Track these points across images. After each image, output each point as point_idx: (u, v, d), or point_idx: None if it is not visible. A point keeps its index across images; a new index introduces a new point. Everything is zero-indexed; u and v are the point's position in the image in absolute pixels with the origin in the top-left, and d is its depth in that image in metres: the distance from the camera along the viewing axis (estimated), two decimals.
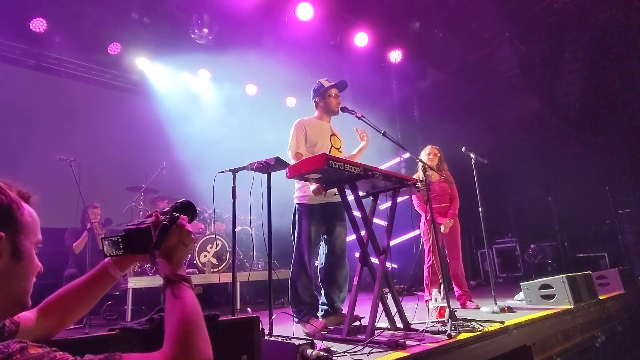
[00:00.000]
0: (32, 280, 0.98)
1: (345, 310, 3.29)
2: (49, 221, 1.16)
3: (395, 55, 8.35)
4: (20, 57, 7.03)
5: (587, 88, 7.34)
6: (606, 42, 7.26)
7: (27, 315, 1.14)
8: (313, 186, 3.24)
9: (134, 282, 5.13)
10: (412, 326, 3.05)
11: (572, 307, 3.78)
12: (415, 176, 4.18)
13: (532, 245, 8.04)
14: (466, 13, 7.93)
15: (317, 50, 7.86)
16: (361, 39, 7.74)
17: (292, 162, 3.45)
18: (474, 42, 8.74)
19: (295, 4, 6.79)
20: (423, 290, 4.80)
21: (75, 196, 4.85)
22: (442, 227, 4.61)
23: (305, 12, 6.83)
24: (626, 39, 7.03)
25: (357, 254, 3.27)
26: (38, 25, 6.16)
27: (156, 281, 5.31)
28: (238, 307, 5.11)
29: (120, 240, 1.20)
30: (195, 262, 5.81)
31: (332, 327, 3.23)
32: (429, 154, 4.81)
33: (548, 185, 7.97)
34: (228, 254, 6.07)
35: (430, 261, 4.54)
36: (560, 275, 4.04)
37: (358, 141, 3.80)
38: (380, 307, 2.99)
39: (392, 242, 3.22)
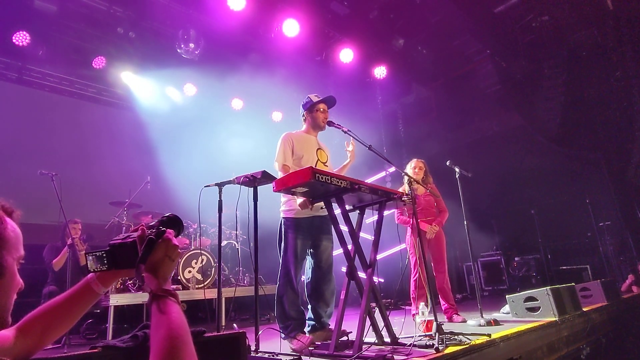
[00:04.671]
0: (13, 297, 0.95)
1: (332, 325, 3.26)
2: (27, 237, 1.13)
3: (380, 71, 8.48)
4: (2, 71, 6.93)
5: (567, 103, 7.55)
6: (583, 59, 7.51)
7: (5, 334, 1.10)
8: (299, 200, 3.23)
9: (116, 300, 5.00)
10: (399, 340, 3.03)
11: (556, 319, 3.82)
12: (400, 189, 4.21)
13: (516, 258, 8.13)
14: (449, 31, 8.14)
15: (302, 66, 7.94)
16: (346, 55, 7.85)
17: (278, 174, 3.45)
18: (457, 59, 8.96)
19: (281, 20, 6.86)
20: (410, 304, 4.79)
21: (54, 211, 4.75)
22: (427, 234, 4.63)
23: (291, 29, 6.90)
24: (602, 56, 7.29)
25: (343, 268, 3.26)
26: (21, 38, 6.08)
27: (139, 298, 5.19)
28: (223, 323, 5.03)
29: (104, 255, 1.17)
30: (179, 278, 5.71)
31: (320, 343, 3.19)
32: (415, 168, 4.84)
33: (531, 198, 8.11)
34: (213, 269, 5.98)
35: (417, 275, 4.55)
36: (545, 288, 4.08)
37: (345, 155, 3.83)
38: (368, 322, 2.97)
39: (379, 256, 3.22)
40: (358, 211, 3.40)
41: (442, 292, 4.58)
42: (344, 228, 3.15)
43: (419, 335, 3.11)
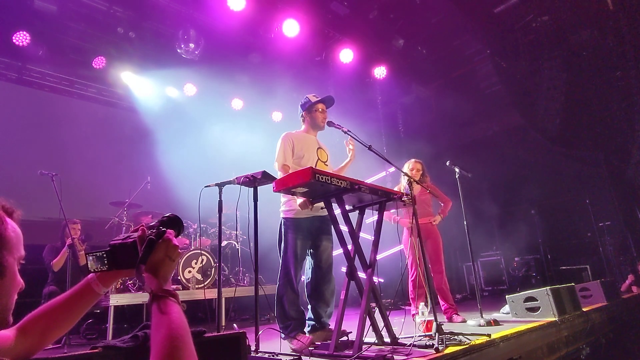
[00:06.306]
0: (14, 297, 0.96)
1: (332, 325, 3.26)
2: (27, 237, 1.13)
3: (380, 72, 8.48)
4: (2, 71, 6.93)
5: (567, 103, 7.55)
6: (583, 59, 7.51)
7: (6, 334, 1.10)
8: (300, 200, 3.23)
9: (116, 300, 5.00)
10: (399, 340, 3.03)
11: (556, 319, 3.82)
12: (396, 188, 4.22)
13: (516, 259, 8.13)
14: (449, 31, 8.14)
15: (302, 66, 7.94)
16: (346, 55, 7.85)
17: (278, 174, 3.45)
18: (457, 59, 8.96)
19: (281, 20, 6.86)
20: (410, 305, 4.79)
21: (53, 212, 4.74)
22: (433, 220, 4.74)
23: (291, 29, 6.90)
24: (602, 56, 7.28)
25: (343, 269, 3.26)
26: (21, 38, 6.08)
27: (139, 298, 5.20)
28: (223, 323, 5.03)
29: (104, 255, 1.17)
30: (179, 278, 5.71)
31: (320, 343, 3.19)
32: (412, 169, 4.78)
33: (531, 198, 8.10)
34: (213, 269, 5.98)
35: (414, 275, 4.55)
36: (545, 288, 4.08)
37: (345, 154, 3.83)
38: (368, 322, 2.97)
39: (379, 256, 3.22)
40: (358, 211, 3.40)
41: (440, 293, 4.57)
42: (344, 228, 3.15)
43: (419, 336, 3.11)
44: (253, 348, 2.75)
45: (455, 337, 2.90)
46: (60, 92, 7.55)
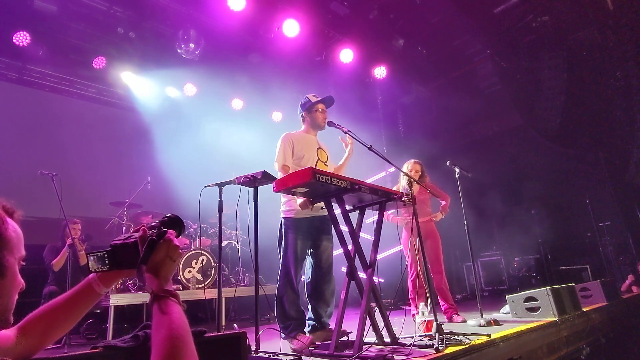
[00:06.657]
0: (15, 297, 0.96)
1: (332, 325, 3.26)
2: (28, 237, 1.14)
3: (380, 72, 8.47)
4: (2, 71, 6.93)
5: (567, 103, 7.55)
6: (584, 59, 7.52)
7: (7, 334, 1.10)
8: (300, 200, 3.23)
9: (116, 300, 5.00)
10: (399, 340, 3.03)
11: (556, 319, 3.82)
12: (395, 187, 4.22)
13: (516, 259, 8.13)
14: (449, 31, 8.14)
15: (302, 66, 7.94)
16: (346, 55, 7.84)
17: (278, 174, 3.45)
18: (457, 59, 8.96)
19: (281, 20, 6.86)
20: (410, 305, 4.79)
21: (53, 212, 4.74)
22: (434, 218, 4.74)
23: (291, 29, 6.90)
24: (603, 55, 7.29)
25: (343, 269, 3.26)
26: (21, 38, 6.08)
27: (139, 298, 5.20)
28: (223, 323, 5.03)
29: (106, 255, 1.18)
30: (179, 278, 5.71)
31: (320, 343, 3.19)
32: (411, 170, 4.74)
33: (531, 198, 8.10)
34: (213, 269, 5.98)
35: (414, 275, 4.55)
36: (545, 288, 4.08)
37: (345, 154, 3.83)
38: (368, 322, 2.97)
39: (379, 256, 3.22)
40: (358, 211, 3.40)
41: (440, 293, 4.57)
42: (344, 228, 3.15)
43: (419, 335, 3.11)
44: (253, 348, 2.76)
45: (456, 337, 2.90)
46: (60, 92, 7.55)
